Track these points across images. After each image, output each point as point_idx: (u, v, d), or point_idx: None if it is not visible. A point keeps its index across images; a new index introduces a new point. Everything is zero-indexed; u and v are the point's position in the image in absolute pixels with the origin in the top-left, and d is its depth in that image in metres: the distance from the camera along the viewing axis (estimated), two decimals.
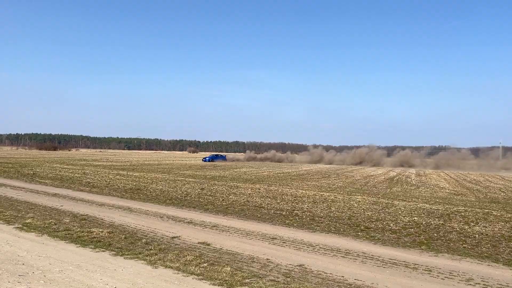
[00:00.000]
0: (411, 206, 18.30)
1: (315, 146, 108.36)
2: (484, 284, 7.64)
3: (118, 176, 30.09)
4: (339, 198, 20.42)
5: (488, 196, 24.61)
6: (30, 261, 7.97)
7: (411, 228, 13.21)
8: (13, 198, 16.95)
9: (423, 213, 16.30)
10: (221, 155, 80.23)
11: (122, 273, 7.41)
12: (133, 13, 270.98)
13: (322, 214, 15.41)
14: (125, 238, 10.30)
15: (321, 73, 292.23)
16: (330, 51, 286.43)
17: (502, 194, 26.47)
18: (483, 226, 13.71)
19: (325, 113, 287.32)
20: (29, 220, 12.04)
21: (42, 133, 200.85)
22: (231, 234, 11.57)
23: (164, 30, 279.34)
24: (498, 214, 16.78)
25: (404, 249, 10.40)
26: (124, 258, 8.50)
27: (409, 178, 40.90)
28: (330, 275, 7.90)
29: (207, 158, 70.49)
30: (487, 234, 12.41)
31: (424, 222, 14.21)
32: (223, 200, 18.65)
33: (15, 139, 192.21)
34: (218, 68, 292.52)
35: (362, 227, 13.04)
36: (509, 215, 16.45)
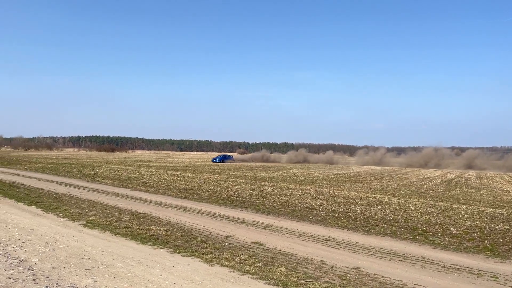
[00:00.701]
0: (473, 210, 17.35)
1: (366, 147, 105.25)
2: None
3: (172, 177, 31.04)
4: (394, 201, 19.79)
5: None
6: (95, 256, 8.42)
7: (474, 232, 12.53)
8: (77, 196, 17.99)
9: (486, 217, 15.40)
10: (229, 155, 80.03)
11: (180, 270, 7.64)
12: (184, 17, 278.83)
13: (376, 216, 15.00)
14: (181, 236, 10.61)
15: (371, 73, 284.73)
16: (381, 51, 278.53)
17: None
18: None
19: (376, 113, 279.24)
20: (92, 218, 12.71)
21: (101, 135, 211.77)
22: (284, 234, 11.56)
23: (215, 33, 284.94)
24: None
25: (467, 255, 9.88)
26: (181, 255, 8.75)
27: (469, 180, 38.83)
28: (388, 279, 7.67)
29: (217, 159, 68.85)
30: None
31: (487, 227, 13.42)
32: (274, 201, 18.68)
33: (77, 141, 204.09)
34: (266, 69, 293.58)
35: (420, 231, 12.54)
36: None
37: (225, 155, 78.09)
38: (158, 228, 11.44)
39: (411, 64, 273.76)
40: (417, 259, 9.28)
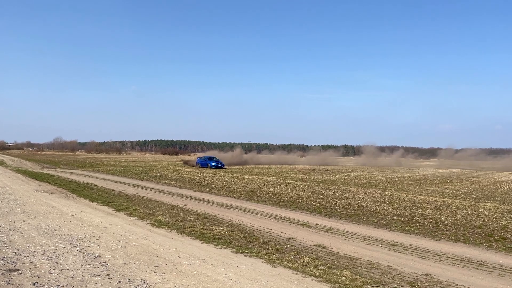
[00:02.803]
0: None
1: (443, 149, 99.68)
2: None
3: (233, 179, 31.57)
4: (465, 205, 18.60)
5: None
6: (163, 254, 8.75)
7: None
8: (144, 197, 18.86)
9: None
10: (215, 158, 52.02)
11: (244, 270, 7.71)
12: (243, 23, 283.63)
13: (446, 221, 14.18)
14: (243, 237, 10.72)
15: (437, 71, 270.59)
16: (448, 48, 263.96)
17: None
18: None
19: (444, 113, 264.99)
20: (159, 217, 13.25)
21: (166, 139, 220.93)
22: (347, 238, 11.29)
23: (273, 36, 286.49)
24: None
25: None
26: (244, 255, 8.84)
27: None
28: (462, 287, 7.20)
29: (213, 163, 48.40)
30: None
31: None
32: (336, 204, 18.33)
33: (143, 145, 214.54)
34: (325, 69, 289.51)
35: (496, 237, 11.66)
36: None
37: (210, 157, 52.26)
38: (221, 228, 11.66)
39: (481, 61, 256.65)
40: (494, 267, 8.63)
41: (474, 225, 13.57)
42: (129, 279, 6.87)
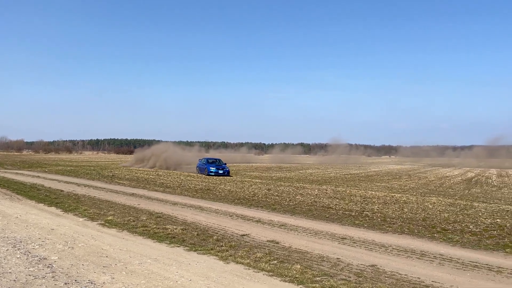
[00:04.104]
0: (493, 208, 16.99)
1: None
2: None
3: (189, 177, 31.28)
4: (412, 200, 19.52)
5: None
6: (113, 254, 8.55)
7: (494, 230, 12.27)
8: (95, 197, 18.29)
9: (507, 215, 15.06)
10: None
11: (196, 267, 7.70)
12: (200, 20, 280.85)
13: (394, 215, 14.84)
14: (197, 235, 10.69)
15: (394, 70, 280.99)
16: (399, 49, 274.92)
17: None
18: None
19: (398, 113, 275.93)
20: (110, 217, 12.91)
21: (119, 138, 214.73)
22: (300, 233, 11.54)
23: (230, 35, 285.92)
24: None
25: (486, 252, 9.70)
26: (197, 253, 8.82)
27: (490, 179, 38.05)
28: (405, 276, 7.58)
29: (212, 169, 34.94)
30: None
31: (508, 225, 13.13)
32: (290, 200, 18.65)
33: (95, 144, 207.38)
34: (286, 69, 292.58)
35: (438, 229, 12.35)
36: None
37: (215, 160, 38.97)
38: (174, 227, 11.55)
39: (434, 61, 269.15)
40: (435, 256, 9.14)
41: (419, 218, 14.29)
42: (76, 280, 6.67)
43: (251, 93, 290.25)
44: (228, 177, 33.28)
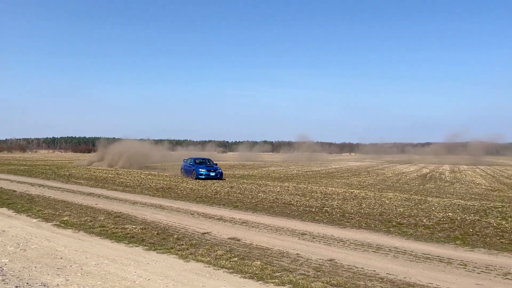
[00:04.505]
0: (445, 202, 17.81)
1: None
2: None
3: (150, 176, 30.73)
4: (370, 195, 20.13)
5: None
6: (68, 255, 8.28)
7: (445, 223, 12.87)
8: (50, 197, 17.61)
9: (458, 209, 15.84)
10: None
11: (155, 266, 7.59)
12: (163, 17, 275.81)
13: (352, 210, 15.24)
14: (157, 234, 10.53)
15: (352, 70, 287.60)
16: (357, 48, 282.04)
17: None
18: None
19: (356, 111, 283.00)
20: (66, 218, 12.48)
21: (77, 136, 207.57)
22: (261, 230, 11.63)
23: (193, 31, 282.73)
24: None
25: (438, 244, 10.16)
26: (157, 252, 8.70)
27: (443, 174, 39.80)
28: (362, 269, 7.81)
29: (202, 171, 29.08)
30: None
31: (459, 218, 13.81)
32: (252, 197, 18.74)
33: (52, 143, 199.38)
34: (249, 67, 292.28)
35: (394, 223, 12.81)
36: None
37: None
38: (134, 226, 11.33)
39: (391, 63, 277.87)
40: (390, 249, 9.48)
41: (376, 212, 14.75)
42: (27, 283, 6.41)
43: (213, 90, 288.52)
44: (221, 180, 31.48)
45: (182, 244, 9.40)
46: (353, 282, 6.97)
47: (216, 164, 31.77)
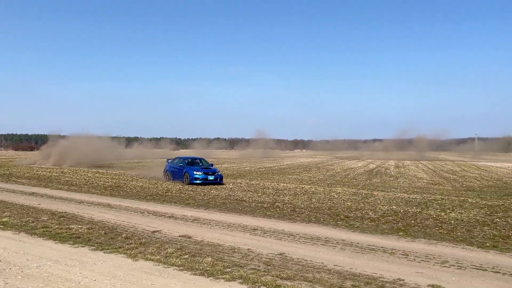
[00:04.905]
0: (390, 196, 18.65)
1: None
2: (458, 266, 7.88)
3: (97, 174, 29.68)
4: (319, 190, 20.65)
5: (464, 185, 25.27)
6: (7, 258, 7.84)
7: (390, 216, 13.48)
8: None
9: (401, 202, 16.64)
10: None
11: (101, 267, 7.36)
12: (111, 12, 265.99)
13: (302, 205, 15.58)
14: (104, 233, 10.21)
15: (304, 68, 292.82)
16: (312, 47, 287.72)
17: (477, 182, 27.22)
18: (459, 213, 14.09)
19: (309, 108, 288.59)
20: (5, 219, 11.80)
21: (18, 133, 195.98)
22: (212, 227, 11.60)
23: (143, 27, 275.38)
24: (473, 201, 17.26)
25: (382, 236, 10.62)
26: (104, 252, 8.44)
27: (388, 169, 41.58)
28: (310, 262, 8.02)
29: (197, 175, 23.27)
30: (462, 220, 12.77)
31: (402, 211, 14.52)
32: (205, 195, 18.65)
33: None
34: (201, 63, 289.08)
35: (342, 217, 13.24)
36: (484, 202, 16.95)
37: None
38: (79, 226, 10.91)
39: (339, 57, 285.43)
40: (338, 242, 9.80)
41: (325, 207, 15.17)
42: None
43: (164, 87, 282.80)
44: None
45: (131, 243, 9.18)
46: (302, 274, 7.14)
47: (212, 165, 26.31)
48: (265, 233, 10.78)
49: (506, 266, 7.83)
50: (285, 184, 23.68)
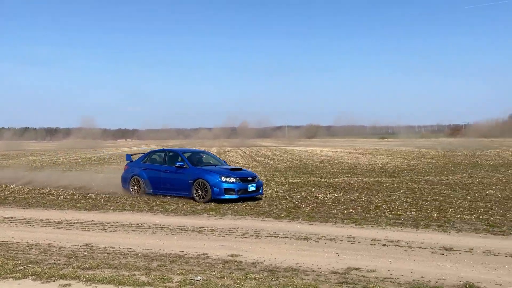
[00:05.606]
0: None
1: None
2: (256, 235, 8.82)
3: None
4: None
5: (273, 167, 28.28)
6: None
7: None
8: None
9: None
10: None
11: None
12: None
13: (118, 194, 15.05)
14: None
15: (131, 54, 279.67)
16: (138, 34, 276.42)
17: (283, 164, 30.78)
18: (264, 190, 15.67)
19: (134, 97, 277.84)
20: None
21: None
22: (7, 224, 10.26)
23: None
24: (278, 180, 19.50)
25: (194, 216, 11.09)
26: None
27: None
28: (118, 248, 7.84)
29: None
30: (266, 196, 14.29)
31: None
32: (2, 190, 16.27)
33: None
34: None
35: (158, 202, 13.29)
36: (286, 180, 19.32)
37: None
38: None
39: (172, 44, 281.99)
40: (150, 226, 9.83)
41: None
42: None
43: None
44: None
45: None
46: (107, 262, 6.92)
47: (246, 169, 16.22)
48: (71, 225, 10.05)
49: (294, 232, 9.13)
50: (101, 175, 22.43)
